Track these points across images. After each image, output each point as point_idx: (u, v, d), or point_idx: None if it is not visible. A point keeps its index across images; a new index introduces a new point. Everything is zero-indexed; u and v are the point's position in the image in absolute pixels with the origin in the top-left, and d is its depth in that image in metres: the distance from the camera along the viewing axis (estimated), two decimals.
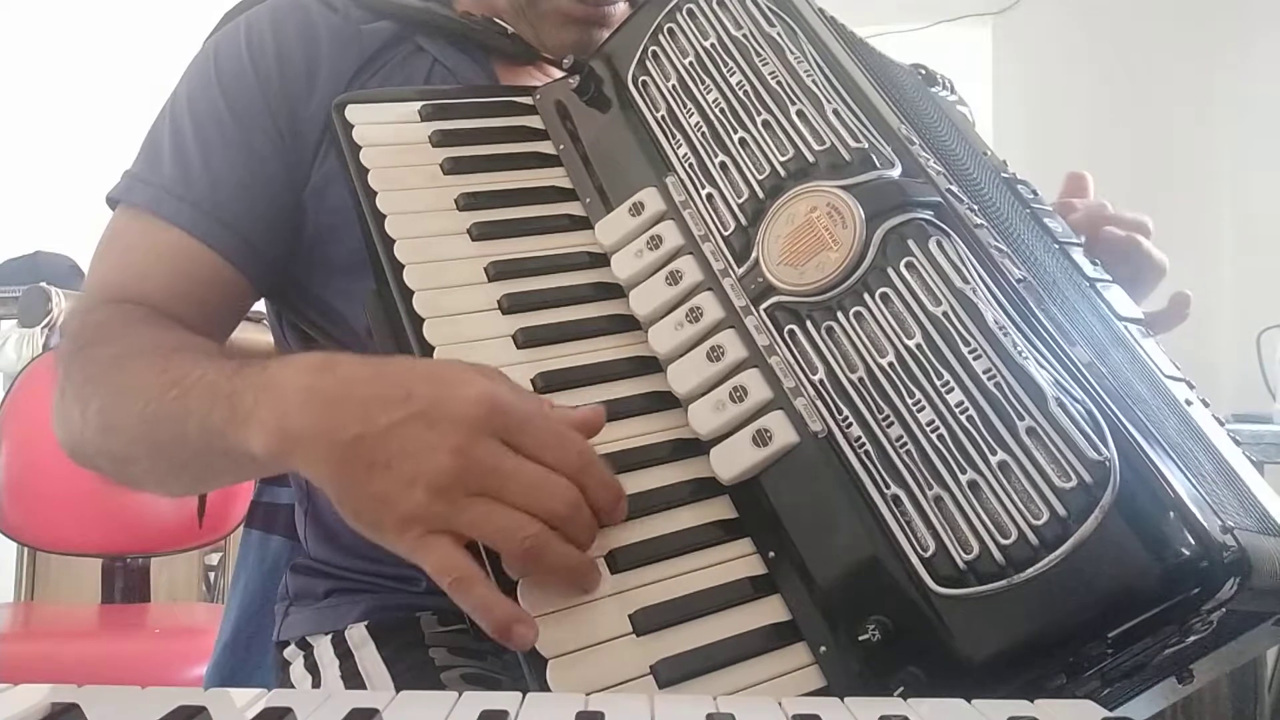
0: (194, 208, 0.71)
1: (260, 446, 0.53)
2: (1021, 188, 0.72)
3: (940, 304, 0.52)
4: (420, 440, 0.49)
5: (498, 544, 0.49)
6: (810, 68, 0.62)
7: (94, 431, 0.65)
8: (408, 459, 0.49)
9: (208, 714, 0.35)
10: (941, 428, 0.50)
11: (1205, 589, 0.47)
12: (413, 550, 0.50)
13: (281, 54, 0.74)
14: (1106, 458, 0.47)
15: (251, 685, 0.80)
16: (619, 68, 0.69)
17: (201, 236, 0.71)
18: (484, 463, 0.49)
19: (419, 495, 0.49)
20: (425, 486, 0.49)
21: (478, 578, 0.49)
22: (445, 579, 0.49)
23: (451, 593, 0.49)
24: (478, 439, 0.49)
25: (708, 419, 0.56)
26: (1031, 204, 0.71)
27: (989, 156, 0.74)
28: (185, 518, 1.73)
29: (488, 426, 0.50)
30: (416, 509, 0.49)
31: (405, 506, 0.49)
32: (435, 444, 0.49)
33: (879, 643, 0.49)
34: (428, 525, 0.49)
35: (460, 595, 0.49)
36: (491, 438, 0.50)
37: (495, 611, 0.49)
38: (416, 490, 0.49)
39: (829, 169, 0.58)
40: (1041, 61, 2.95)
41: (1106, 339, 0.61)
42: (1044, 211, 0.71)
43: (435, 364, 0.56)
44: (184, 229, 0.71)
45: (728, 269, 0.59)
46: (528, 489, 0.49)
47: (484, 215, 0.65)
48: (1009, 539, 0.47)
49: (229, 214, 0.72)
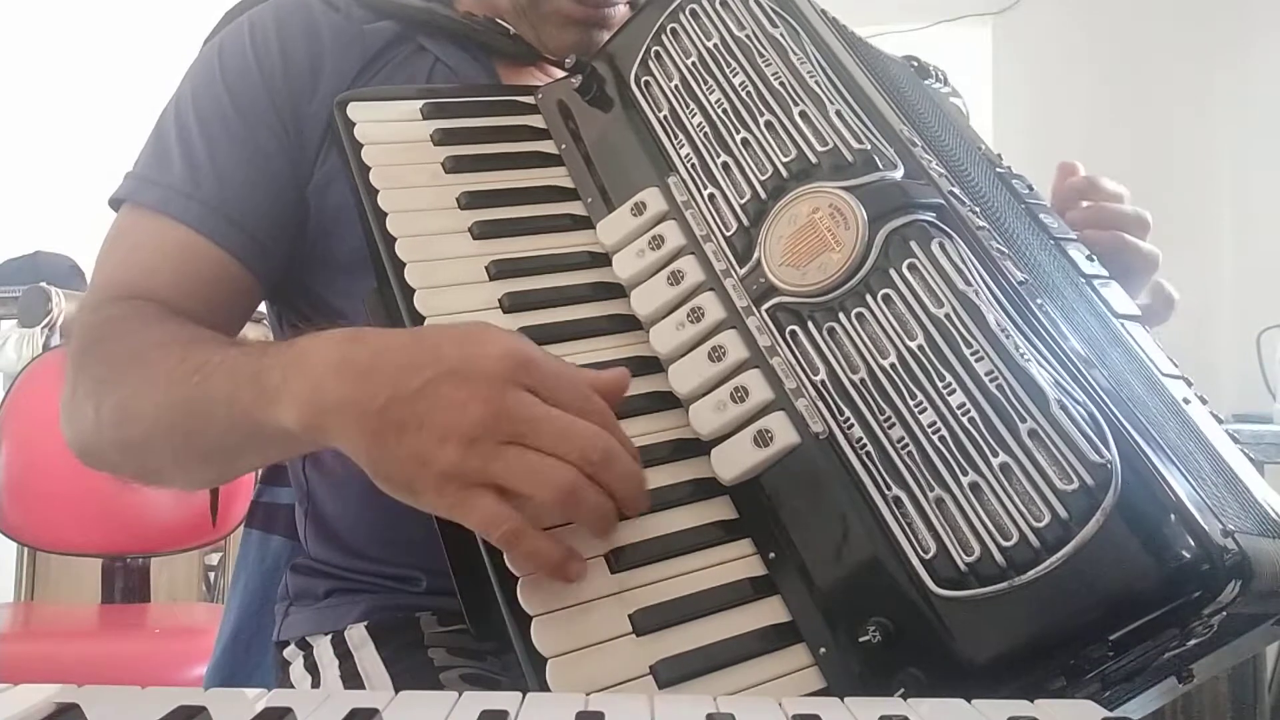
0: (202, 205, 0.71)
1: (293, 420, 0.53)
2: (1016, 183, 0.72)
3: (942, 305, 0.52)
4: (450, 398, 0.49)
5: (535, 489, 0.49)
6: (813, 68, 0.62)
7: (110, 427, 0.64)
8: (439, 415, 0.49)
9: (208, 714, 0.35)
10: (943, 429, 0.50)
11: (1206, 592, 0.47)
12: (453, 507, 0.50)
13: (285, 52, 0.74)
14: (1108, 460, 0.47)
15: (251, 685, 0.80)
16: (621, 67, 0.69)
17: (209, 234, 0.71)
18: (514, 411, 0.49)
19: (452, 450, 0.49)
20: (458, 440, 0.49)
21: (526, 528, 0.49)
22: (494, 532, 0.49)
23: (503, 544, 0.50)
24: (507, 390, 0.50)
25: (709, 419, 0.56)
26: (1027, 199, 0.71)
27: (984, 151, 0.74)
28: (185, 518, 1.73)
29: (516, 378, 0.50)
30: (451, 465, 0.49)
31: (440, 463, 0.49)
32: (466, 399, 0.49)
33: (879, 644, 0.49)
34: (465, 480, 0.49)
35: (512, 545, 0.50)
36: (520, 389, 0.50)
37: (551, 555, 0.50)
38: (449, 446, 0.49)
39: (831, 170, 0.58)
40: (1041, 61, 2.95)
41: (1105, 339, 0.61)
42: (1039, 207, 0.71)
43: (462, 326, 0.56)
44: (192, 227, 0.71)
45: (729, 269, 0.59)
46: (559, 435, 0.50)
47: (485, 214, 0.65)
48: (1010, 541, 0.47)
49: (236, 211, 0.72)
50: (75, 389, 0.67)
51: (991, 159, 0.73)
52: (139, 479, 0.68)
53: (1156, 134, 2.80)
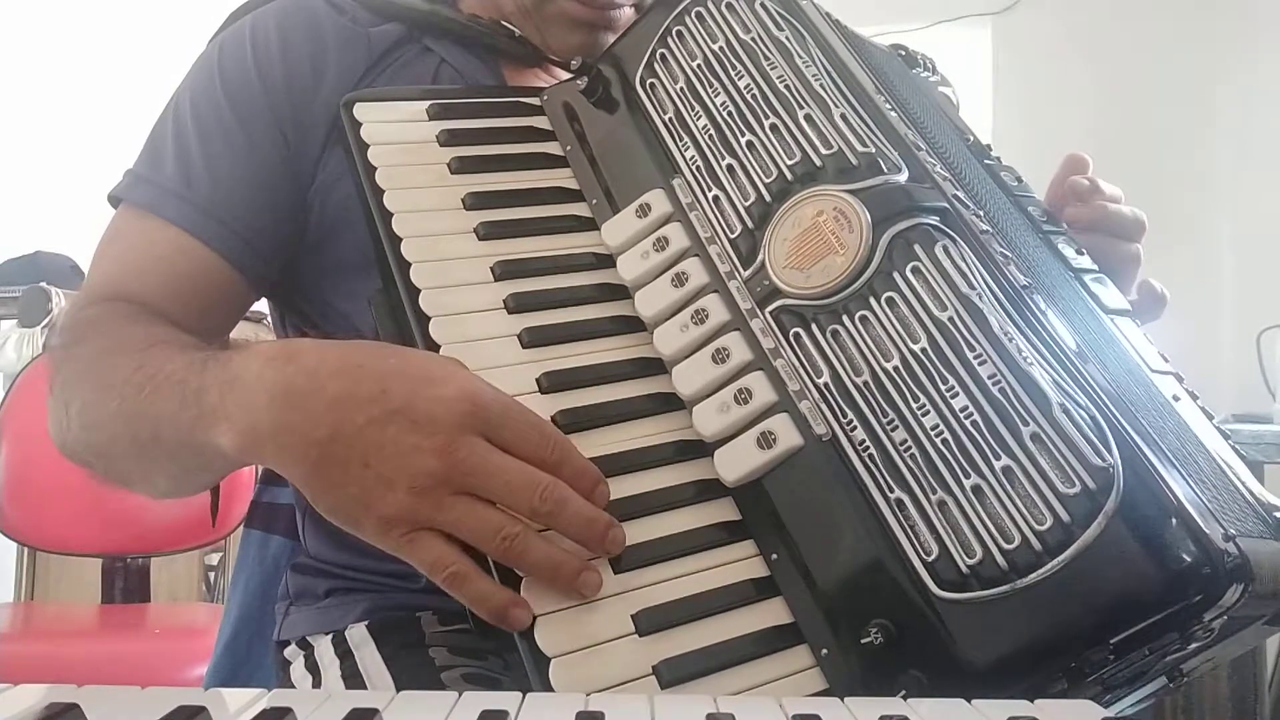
0: (194, 207, 0.71)
1: (230, 445, 0.53)
2: (1005, 174, 0.72)
3: (946, 309, 0.52)
4: (400, 441, 0.49)
5: (480, 543, 0.49)
6: (818, 72, 0.62)
7: (78, 429, 0.65)
8: (387, 459, 0.49)
9: (208, 714, 0.35)
10: (946, 432, 0.50)
11: (1208, 596, 0.47)
12: (399, 548, 0.50)
13: (287, 55, 0.74)
14: (1110, 464, 0.47)
15: (252, 685, 0.80)
16: (627, 70, 0.69)
17: (200, 236, 0.71)
18: (467, 462, 0.49)
19: (400, 496, 0.48)
20: (407, 488, 0.48)
21: (472, 570, 0.49)
22: (439, 574, 0.49)
23: (448, 587, 0.49)
24: (460, 438, 0.49)
25: (712, 421, 0.56)
26: (1014, 191, 0.71)
27: (973, 142, 0.74)
28: (185, 518, 1.73)
29: (469, 425, 0.49)
30: (398, 510, 0.49)
31: (385, 507, 0.49)
32: (417, 445, 0.48)
33: (881, 646, 0.49)
34: (411, 525, 0.49)
35: (457, 589, 0.49)
36: (473, 435, 0.49)
37: (492, 600, 0.49)
38: (397, 491, 0.48)
39: (836, 173, 0.58)
40: (1041, 61, 2.95)
41: (1103, 340, 0.61)
42: (1028, 200, 0.70)
43: (403, 356, 0.54)
44: (183, 228, 0.71)
45: (734, 271, 0.59)
46: (510, 487, 0.49)
47: (491, 215, 0.65)
48: (1012, 544, 0.47)
49: (229, 214, 0.72)
50: (53, 388, 0.67)
51: (980, 150, 0.73)
52: (111, 482, 0.68)
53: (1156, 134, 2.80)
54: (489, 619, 0.49)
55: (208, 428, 0.54)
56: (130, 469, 0.64)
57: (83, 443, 0.65)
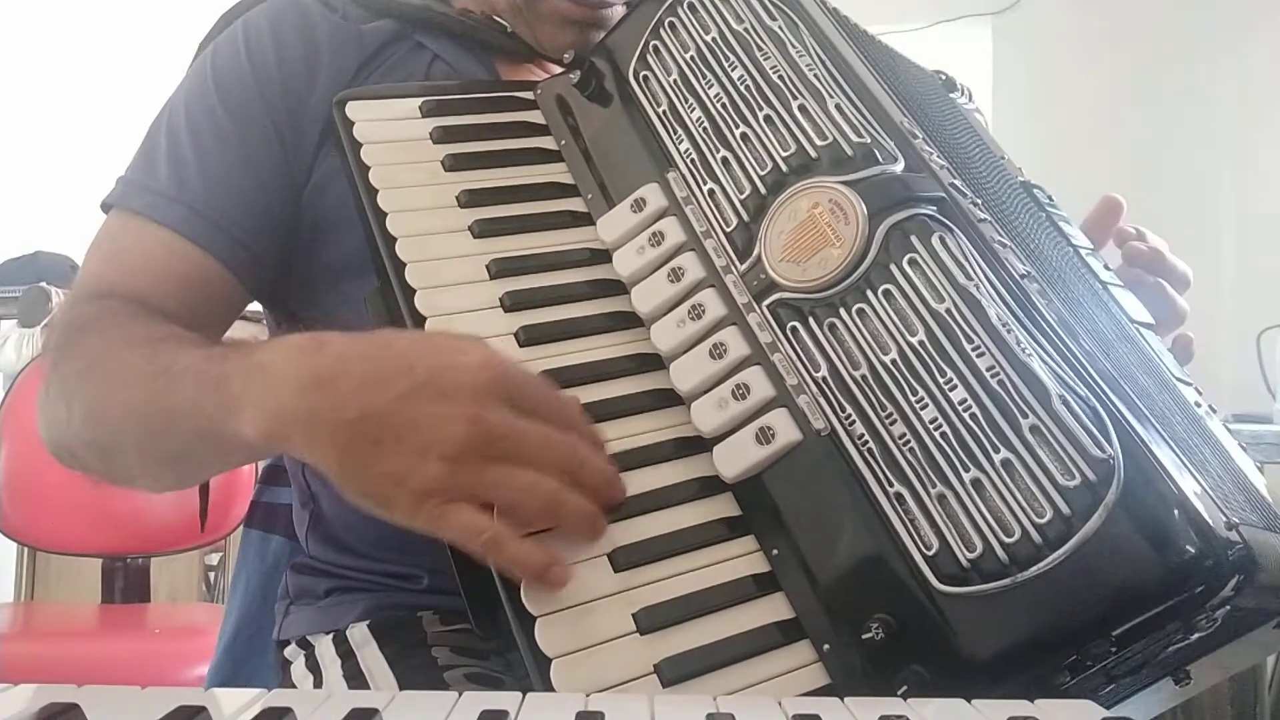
0: (187, 209, 0.71)
1: (253, 431, 0.53)
2: (1038, 192, 0.72)
3: (943, 301, 0.52)
4: (430, 413, 0.49)
5: (522, 501, 0.50)
6: (812, 61, 0.62)
7: (80, 424, 0.64)
8: (419, 432, 0.49)
9: (208, 714, 0.35)
10: (945, 425, 0.50)
11: (1210, 586, 0.46)
12: (432, 521, 0.50)
13: (281, 55, 0.74)
14: (1110, 455, 0.47)
15: (253, 685, 0.80)
16: (620, 62, 0.69)
17: (194, 238, 0.71)
18: (498, 428, 0.50)
19: (433, 467, 0.49)
20: (439, 457, 0.49)
21: (508, 535, 0.50)
22: (475, 541, 0.50)
23: (486, 551, 0.50)
24: (488, 405, 0.50)
25: (710, 417, 0.56)
26: (1047, 208, 0.71)
27: (1006, 161, 0.74)
28: (185, 518, 1.72)
29: (496, 391, 0.50)
30: (433, 481, 0.49)
31: (420, 480, 0.49)
32: (448, 415, 0.49)
33: (882, 641, 0.48)
34: (446, 495, 0.49)
35: (495, 552, 0.50)
36: (500, 403, 0.50)
37: (532, 560, 0.50)
38: (429, 462, 0.49)
39: (831, 164, 0.58)
40: (1041, 61, 2.94)
41: (1113, 334, 0.61)
42: (1059, 216, 0.71)
43: (425, 336, 0.56)
44: (175, 230, 0.71)
45: (730, 265, 0.59)
46: (539, 448, 0.50)
47: (485, 212, 0.64)
48: (1012, 537, 0.47)
49: (223, 217, 0.71)
50: (49, 387, 0.67)
51: (1012, 169, 0.73)
52: (109, 479, 0.67)
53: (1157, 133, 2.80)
54: (531, 578, 0.50)
55: (230, 415, 0.54)
56: (135, 464, 0.64)
57: (85, 439, 0.64)
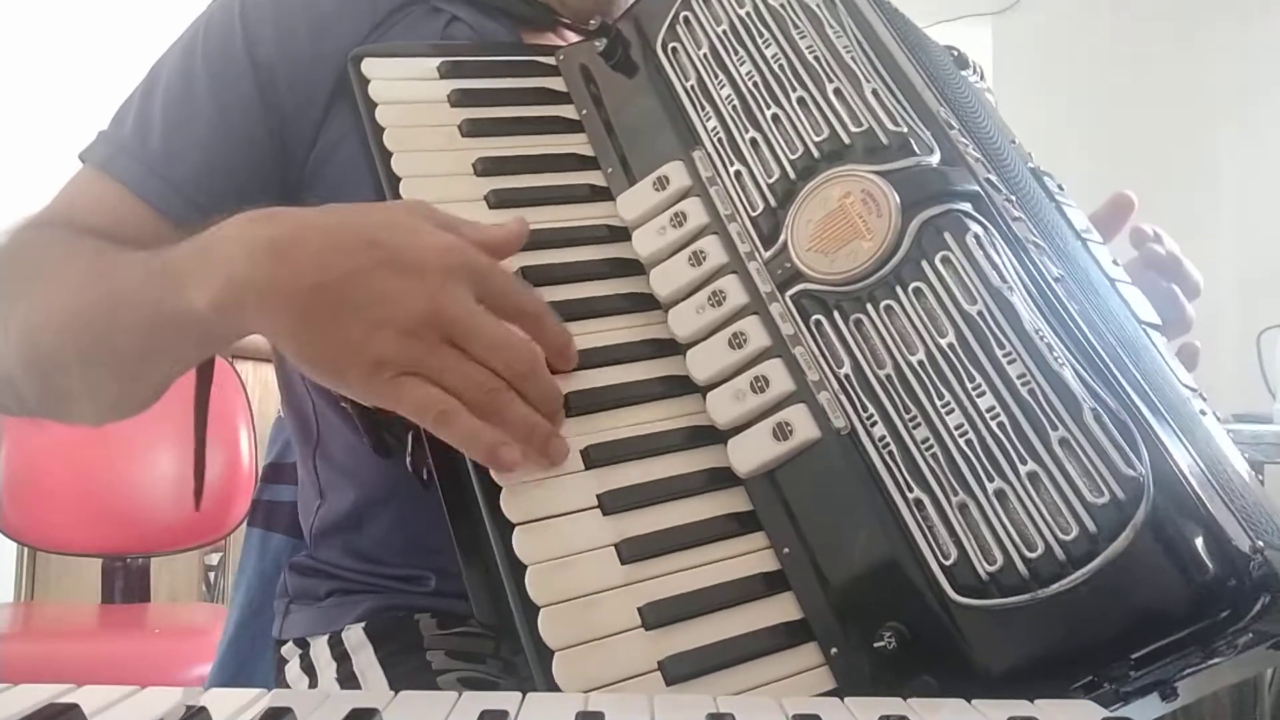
0: (142, 165, 0.69)
1: (204, 300, 0.52)
2: (1047, 180, 0.70)
3: (975, 302, 0.50)
4: (390, 285, 0.49)
5: (464, 391, 0.50)
6: (850, 43, 0.59)
7: (16, 342, 0.62)
8: (377, 304, 0.49)
9: (208, 714, 0.34)
10: (970, 432, 0.48)
11: (1236, 611, 0.45)
12: (385, 392, 0.50)
13: (280, 19, 0.71)
14: (1140, 473, 0.46)
15: (255, 683, 0.79)
16: (648, 32, 0.66)
17: (145, 195, 0.68)
18: (454, 310, 0.50)
19: (390, 337, 0.49)
20: (396, 329, 0.49)
21: (460, 409, 0.50)
22: (428, 415, 0.50)
23: (436, 426, 0.50)
24: (449, 286, 0.50)
25: (727, 408, 0.55)
26: (1055, 196, 0.69)
27: (1017, 145, 0.72)
28: (185, 518, 1.73)
29: (461, 276, 0.50)
30: (387, 351, 0.49)
31: (375, 349, 0.49)
32: (407, 289, 0.49)
33: (894, 650, 0.47)
34: (398, 367, 0.49)
35: (446, 427, 0.50)
36: (464, 288, 0.50)
37: (482, 438, 0.50)
38: (387, 332, 0.49)
39: (865, 152, 0.56)
40: (1041, 61, 2.91)
41: (1134, 340, 0.59)
42: (1067, 204, 0.69)
43: (390, 208, 0.55)
44: (128, 186, 0.68)
45: (754, 252, 0.57)
46: (492, 344, 0.50)
47: (503, 182, 0.62)
48: (1035, 552, 0.46)
49: (181, 177, 0.68)
50: None
51: (1023, 154, 0.71)
52: (47, 408, 0.65)
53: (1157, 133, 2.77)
54: (481, 458, 0.50)
55: (178, 291, 0.53)
56: (76, 379, 0.61)
57: (20, 358, 0.62)
